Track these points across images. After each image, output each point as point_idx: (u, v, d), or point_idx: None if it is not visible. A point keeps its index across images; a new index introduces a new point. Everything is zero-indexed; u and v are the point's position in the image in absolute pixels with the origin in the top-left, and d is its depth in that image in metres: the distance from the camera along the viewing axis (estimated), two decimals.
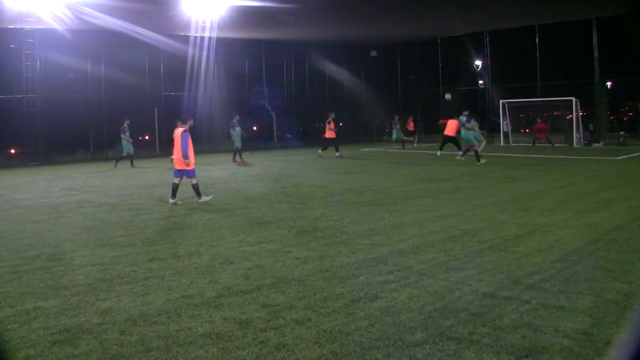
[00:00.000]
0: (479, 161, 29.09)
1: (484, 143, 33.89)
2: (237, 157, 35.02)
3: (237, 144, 34.87)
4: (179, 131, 18.25)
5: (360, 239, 12.26)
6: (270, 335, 6.83)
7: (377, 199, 18.03)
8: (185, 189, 18.74)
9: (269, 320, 7.32)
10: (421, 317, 7.32)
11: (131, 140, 34.45)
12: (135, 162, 33.96)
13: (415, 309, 7.65)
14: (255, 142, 46.19)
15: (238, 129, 34.93)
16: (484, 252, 10.84)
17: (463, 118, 30.23)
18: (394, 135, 44.96)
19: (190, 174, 18.14)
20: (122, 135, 34.10)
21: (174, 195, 18.11)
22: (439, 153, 33.52)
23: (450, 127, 31.72)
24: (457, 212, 15.36)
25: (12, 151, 40.64)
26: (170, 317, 7.54)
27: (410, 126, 46.89)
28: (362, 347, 6.42)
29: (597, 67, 45.50)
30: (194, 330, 7.06)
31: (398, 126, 44.83)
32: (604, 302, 7.79)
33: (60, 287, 9.08)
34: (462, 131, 30.25)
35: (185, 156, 17.79)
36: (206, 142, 44.60)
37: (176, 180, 18.18)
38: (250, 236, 12.81)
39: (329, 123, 36.92)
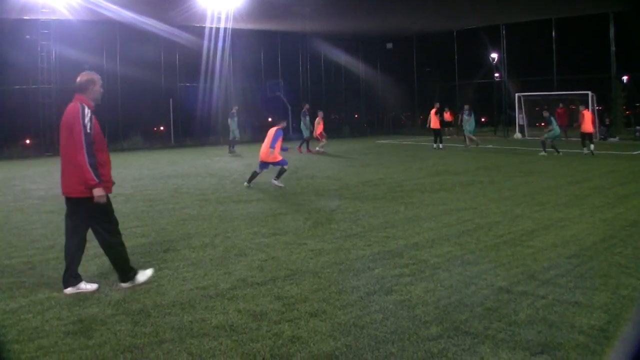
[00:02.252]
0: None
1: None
2: (304, 147, 35.26)
3: (306, 134, 34.96)
4: (273, 129, 19.74)
5: (376, 231, 12.25)
6: (284, 327, 6.83)
7: (392, 191, 17.99)
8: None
9: (283, 313, 7.32)
10: (436, 311, 7.30)
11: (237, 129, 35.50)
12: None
13: (431, 302, 7.63)
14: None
15: (308, 118, 34.96)
16: (500, 247, 10.80)
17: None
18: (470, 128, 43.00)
19: (281, 162, 19.61)
20: (229, 121, 35.19)
21: (250, 180, 19.98)
22: (585, 150, 30.67)
23: (588, 120, 30.51)
24: (472, 205, 15.33)
25: (27, 142, 40.71)
26: (184, 309, 7.53)
27: (447, 117, 45.70)
28: (377, 340, 6.41)
29: (614, 62, 45.33)
30: (208, 322, 7.06)
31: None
32: (619, 298, 7.75)
33: None
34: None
35: (271, 147, 19.38)
36: (222, 133, 44.56)
37: (258, 170, 19.96)
38: (265, 228, 12.82)
39: (443, 112, 36.24)
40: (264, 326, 6.88)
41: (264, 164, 19.63)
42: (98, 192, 8.25)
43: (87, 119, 8.39)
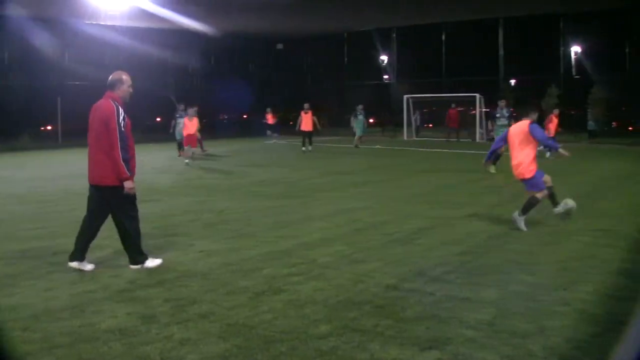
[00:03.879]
0: None
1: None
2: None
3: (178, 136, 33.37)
4: (522, 125, 12.66)
5: (266, 231, 12.29)
6: (174, 330, 6.76)
7: (283, 191, 18.09)
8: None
9: (173, 315, 7.25)
10: (325, 310, 7.36)
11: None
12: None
13: (320, 301, 7.69)
14: (159, 133, 45.57)
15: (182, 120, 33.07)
16: (389, 245, 10.97)
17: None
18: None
19: (533, 183, 12.52)
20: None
21: (525, 212, 12.50)
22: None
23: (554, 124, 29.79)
24: (364, 205, 15.50)
25: None
26: (74, 313, 7.37)
27: (270, 119, 45.02)
28: (267, 340, 6.41)
29: (502, 65, 46.66)
30: (98, 326, 6.91)
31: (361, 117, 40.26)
32: (508, 293, 7.97)
33: None
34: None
35: (551, 145, 13.43)
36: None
37: (539, 195, 12.44)
38: (156, 229, 12.68)
39: (306, 113, 35.39)
40: (154, 329, 6.81)
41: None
42: (129, 185, 9.39)
43: (121, 118, 9.39)
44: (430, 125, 51.48)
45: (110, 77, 10.02)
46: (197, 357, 6.05)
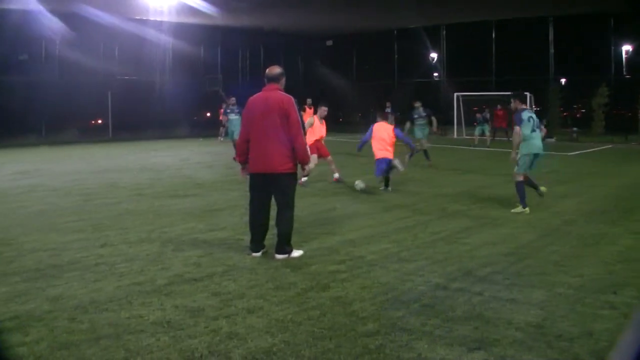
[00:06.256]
0: None
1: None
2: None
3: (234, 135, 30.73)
4: None
5: (312, 228, 12.26)
6: (221, 323, 6.77)
7: (328, 188, 18.06)
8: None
9: (220, 309, 7.26)
10: (373, 308, 7.32)
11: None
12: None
13: (367, 299, 7.65)
14: (210, 129, 45.73)
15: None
16: (436, 244, 10.89)
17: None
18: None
19: None
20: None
21: None
22: None
23: None
24: (409, 203, 15.43)
25: None
26: (121, 305, 7.43)
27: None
28: (314, 336, 6.40)
29: (552, 64, 46.20)
30: (145, 318, 6.96)
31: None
32: (555, 295, 7.87)
33: (10, 272, 8.91)
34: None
35: None
36: (158, 127, 44.18)
37: None
38: (202, 223, 12.74)
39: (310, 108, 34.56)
40: (201, 322, 6.82)
41: None
42: (310, 166, 10.64)
43: (297, 108, 10.02)
44: (475, 123, 51.04)
45: (272, 70, 10.32)
46: (244, 351, 6.06)
